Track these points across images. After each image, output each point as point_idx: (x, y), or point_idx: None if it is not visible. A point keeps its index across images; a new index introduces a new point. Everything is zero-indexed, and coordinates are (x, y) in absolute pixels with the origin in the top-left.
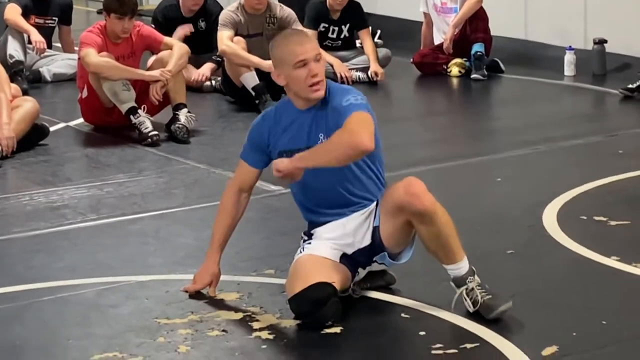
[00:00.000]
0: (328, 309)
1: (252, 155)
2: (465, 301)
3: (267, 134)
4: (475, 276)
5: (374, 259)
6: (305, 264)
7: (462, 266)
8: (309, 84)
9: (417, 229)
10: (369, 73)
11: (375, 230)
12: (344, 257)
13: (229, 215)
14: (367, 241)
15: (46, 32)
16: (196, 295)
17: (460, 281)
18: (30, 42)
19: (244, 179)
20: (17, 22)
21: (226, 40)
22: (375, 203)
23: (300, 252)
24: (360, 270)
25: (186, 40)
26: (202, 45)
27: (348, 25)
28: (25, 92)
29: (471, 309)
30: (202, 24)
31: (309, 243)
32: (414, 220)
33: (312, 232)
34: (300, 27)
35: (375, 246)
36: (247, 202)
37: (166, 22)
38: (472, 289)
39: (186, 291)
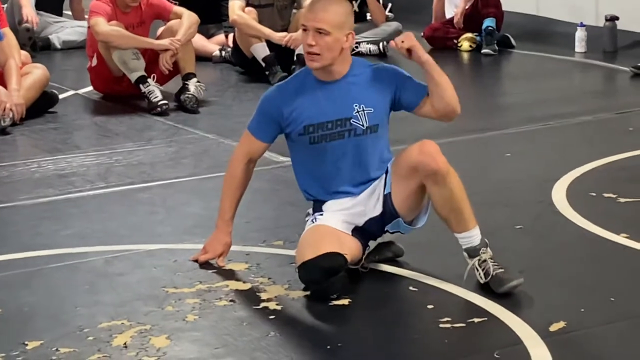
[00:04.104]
0: (337, 280)
1: (262, 128)
2: (476, 271)
3: (284, 106)
4: (488, 248)
5: (386, 229)
6: (316, 234)
7: (474, 234)
8: (304, 50)
9: (430, 191)
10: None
11: (387, 198)
12: (356, 230)
13: (240, 186)
14: (378, 210)
15: (56, 0)
16: (204, 264)
17: (473, 252)
18: (37, 8)
19: (252, 150)
20: None
21: (238, 10)
22: (384, 172)
23: (312, 222)
24: (371, 242)
25: (191, 9)
26: (208, 15)
27: (359, 0)
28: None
29: (482, 280)
30: None
31: (321, 215)
32: (427, 181)
33: (322, 207)
34: None
35: (387, 215)
36: (253, 170)
37: None
38: (485, 260)
39: (195, 260)
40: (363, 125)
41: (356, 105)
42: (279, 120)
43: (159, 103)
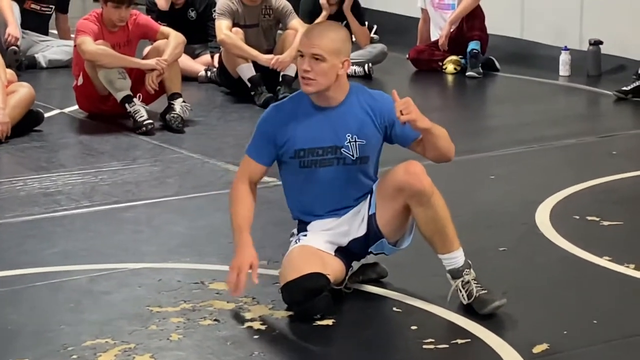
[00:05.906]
0: (319, 301)
1: (261, 151)
2: (459, 292)
3: (280, 126)
4: (472, 270)
5: (370, 250)
6: (299, 254)
7: (458, 256)
8: (300, 75)
9: (415, 212)
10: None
11: (371, 219)
12: (339, 251)
13: (247, 203)
14: (362, 230)
15: (42, 19)
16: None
17: (456, 273)
18: (23, 27)
19: (252, 174)
20: (2, 8)
21: (225, 30)
22: (369, 194)
23: (296, 242)
24: (354, 263)
25: (178, 30)
26: (194, 35)
27: (345, 22)
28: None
29: (465, 301)
30: (192, 14)
31: (305, 235)
32: (412, 201)
33: (306, 227)
34: (296, 19)
35: (371, 235)
36: (256, 192)
37: (158, 12)
38: (468, 281)
39: (229, 285)
40: (353, 156)
41: (349, 136)
42: (275, 140)
43: (145, 122)
